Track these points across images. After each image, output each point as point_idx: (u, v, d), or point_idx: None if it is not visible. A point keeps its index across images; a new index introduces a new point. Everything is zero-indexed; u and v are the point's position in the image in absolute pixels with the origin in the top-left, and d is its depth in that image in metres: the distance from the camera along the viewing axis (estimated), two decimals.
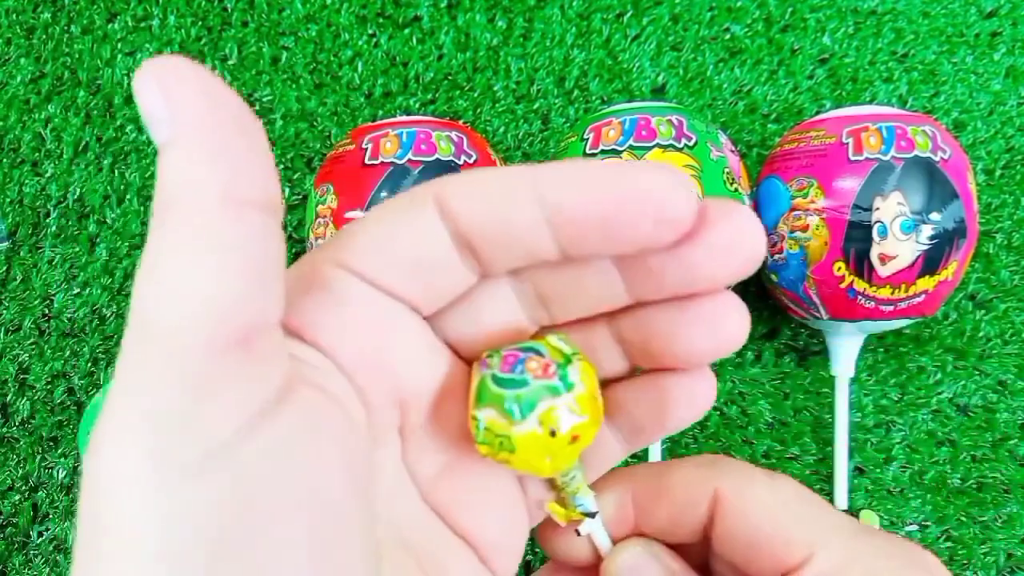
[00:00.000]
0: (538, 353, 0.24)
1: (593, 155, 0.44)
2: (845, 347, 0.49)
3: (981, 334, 0.53)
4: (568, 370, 0.23)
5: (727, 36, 0.57)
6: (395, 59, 0.58)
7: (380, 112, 0.57)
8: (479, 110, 0.57)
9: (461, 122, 0.55)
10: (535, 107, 0.57)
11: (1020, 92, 0.56)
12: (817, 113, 0.50)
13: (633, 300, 0.24)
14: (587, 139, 0.45)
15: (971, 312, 0.53)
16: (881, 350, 0.53)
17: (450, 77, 0.58)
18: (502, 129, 0.57)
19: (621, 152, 0.44)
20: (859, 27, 0.57)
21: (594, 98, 0.57)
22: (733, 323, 0.23)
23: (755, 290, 0.53)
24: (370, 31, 0.58)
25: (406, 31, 0.58)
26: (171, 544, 0.16)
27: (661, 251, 0.21)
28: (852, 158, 0.44)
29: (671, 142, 0.44)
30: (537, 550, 0.52)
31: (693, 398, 0.25)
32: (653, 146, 0.43)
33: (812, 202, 0.44)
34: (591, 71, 0.57)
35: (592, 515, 0.27)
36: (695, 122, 0.45)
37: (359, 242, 0.23)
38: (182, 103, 0.17)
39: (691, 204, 0.20)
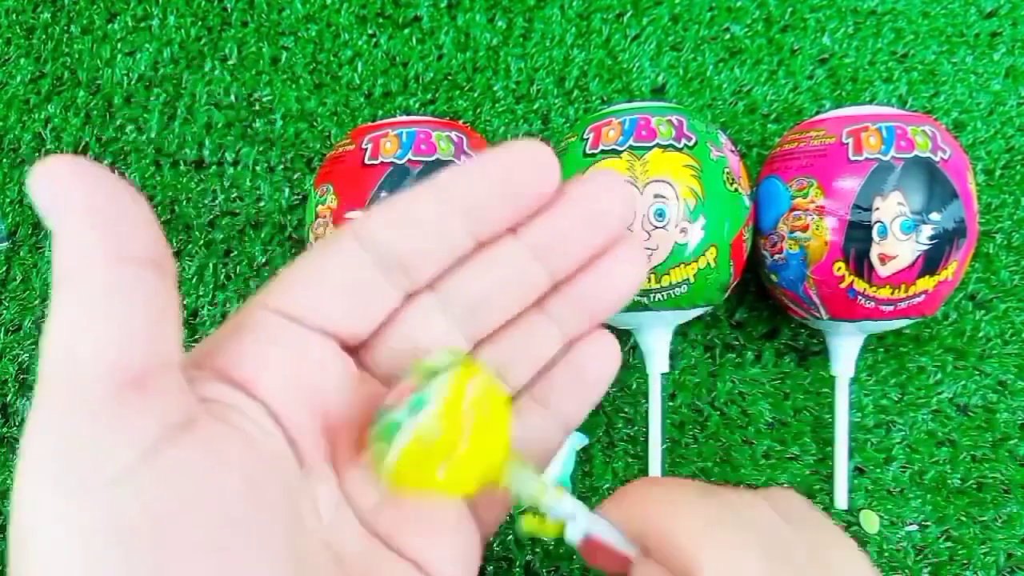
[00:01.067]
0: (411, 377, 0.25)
1: (593, 155, 0.44)
2: (845, 347, 0.48)
3: (981, 334, 0.53)
4: (426, 392, 0.24)
5: (727, 36, 0.57)
6: (395, 59, 0.58)
7: (380, 112, 0.57)
8: (479, 110, 0.57)
9: (461, 122, 0.55)
10: (535, 107, 0.57)
11: (1020, 92, 0.56)
12: (817, 113, 0.50)
13: (551, 283, 0.29)
14: (587, 139, 0.45)
15: (971, 312, 0.53)
16: (881, 350, 0.53)
17: (450, 77, 0.57)
18: (502, 129, 0.57)
19: (621, 152, 0.44)
20: (859, 27, 0.57)
21: (594, 98, 0.57)
22: (634, 266, 0.29)
23: (755, 290, 0.53)
24: (370, 31, 0.58)
25: (406, 31, 0.58)
26: (86, 552, 0.18)
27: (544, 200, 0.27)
28: (852, 158, 0.44)
29: (671, 142, 0.44)
30: (537, 550, 0.52)
31: (602, 348, 0.30)
32: (653, 146, 0.43)
33: (812, 202, 0.44)
34: (591, 71, 0.57)
35: (571, 517, 0.27)
36: (695, 122, 0.45)
37: (284, 283, 0.26)
38: (65, 194, 0.19)
39: (548, 156, 0.26)
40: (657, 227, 0.43)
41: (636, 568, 0.26)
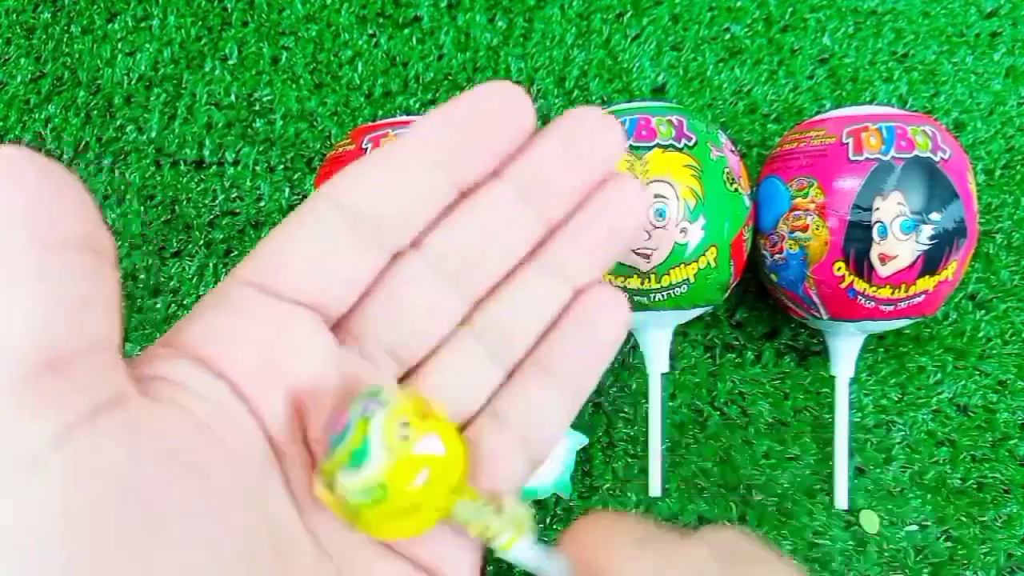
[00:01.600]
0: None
1: None
2: (845, 347, 0.48)
3: (981, 334, 0.53)
4: (351, 419, 0.23)
5: (727, 36, 0.57)
6: (395, 59, 0.58)
7: (380, 112, 0.57)
8: None
9: None
10: (535, 107, 0.57)
11: (1020, 92, 0.56)
12: (817, 113, 0.50)
13: (545, 231, 0.27)
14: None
15: (971, 312, 0.53)
16: (881, 350, 0.53)
17: (450, 77, 0.57)
18: None
19: None
20: (859, 27, 0.57)
21: (594, 98, 0.57)
22: (632, 197, 0.27)
23: (755, 290, 0.53)
24: (370, 31, 0.58)
25: (406, 31, 0.58)
26: (19, 533, 0.18)
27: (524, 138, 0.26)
28: (852, 158, 0.44)
29: (671, 142, 0.44)
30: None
31: (609, 301, 0.28)
32: (653, 146, 0.43)
33: (812, 202, 0.44)
34: (591, 71, 0.57)
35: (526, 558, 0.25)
36: (695, 122, 0.45)
37: (257, 255, 0.25)
38: None
39: (520, 94, 0.25)
40: (657, 227, 0.43)
41: None
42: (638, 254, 0.43)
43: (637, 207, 0.28)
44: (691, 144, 0.44)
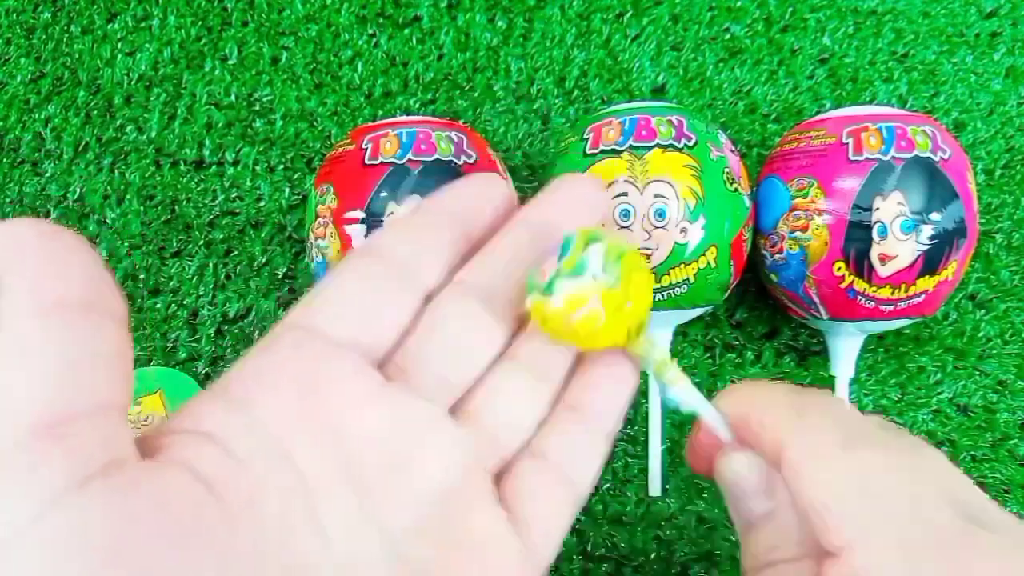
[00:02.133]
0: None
1: (593, 155, 0.44)
2: (845, 347, 0.48)
3: (981, 334, 0.53)
4: (568, 243, 0.27)
5: (727, 36, 0.57)
6: (395, 59, 0.58)
7: (380, 112, 0.57)
8: (479, 110, 0.57)
9: (461, 122, 0.55)
10: (535, 107, 0.57)
11: (1020, 92, 0.56)
12: (817, 113, 0.50)
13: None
14: (587, 139, 0.45)
15: (971, 312, 0.53)
16: (881, 350, 0.53)
17: (450, 77, 0.57)
18: (502, 129, 0.56)
19: (621, 152, 0.44)
20: (859, 27, 0.57)
21: (594, 98, 0.57)
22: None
23: (755, 290, 0.53)
24: (370, 31, 0.58)
25: (406, 31, 0.58)
26: None
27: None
28: (852, 158, 0.44)
29: (671, 142, 0.44)
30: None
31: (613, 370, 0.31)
32: (653, 146, 0.43)
33: (812, 202, 0.44)
34: (591, 71, 0.57)
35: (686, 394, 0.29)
36: (695, 122, 0.45)
37: (305, 302, 0.27)
38: None
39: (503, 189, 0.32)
40: (657, 227, 0.43)
41: (730, 455, 0.29)
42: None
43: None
44: (691, 144, 0.44)
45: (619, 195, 0.43)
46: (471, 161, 0.45)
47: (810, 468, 0.26)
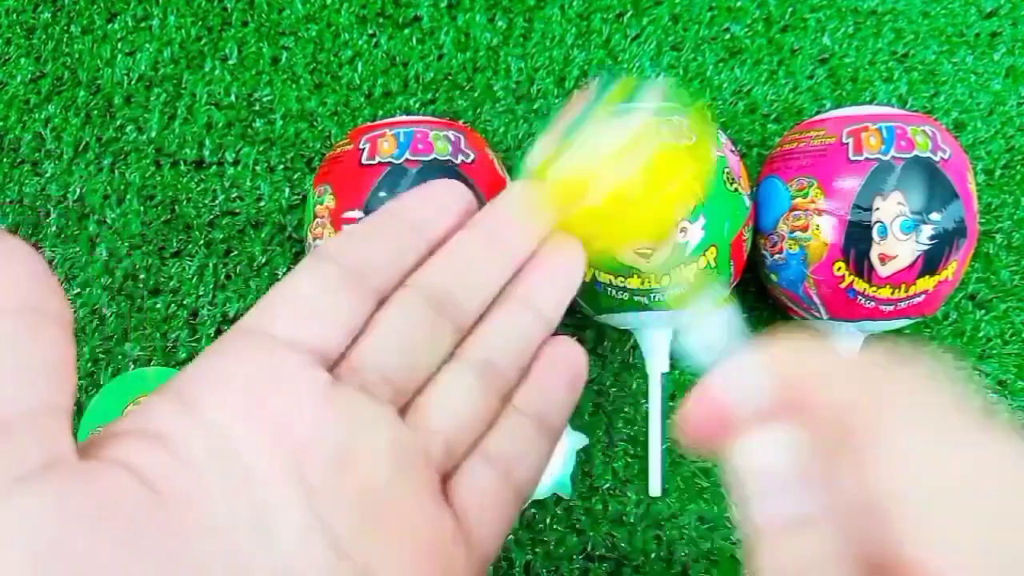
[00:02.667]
0: None
1: None
2: (845, 347, 0.48)
3: (981, 334, 0.53)
4: (602, 91, 0.25)
5: (727, 36, 0.57)
6: (395, 59, 0.58)
7: (380, 112, 0.57)
8: (479, 110, 0.57)
9: (461, 122, 0.55)
10: (535, 107, 0.57)
11: (1020, 92, 0.56)
12: (817, 113, 0.50)
13: (513, 268, 0.31)
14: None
15: (971, 312, 0.53)
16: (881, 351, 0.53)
17: (450, 77, 0.57)
18: (502, 129, 0.56)
19: None
20: (859, 27, 0.57)
21: None
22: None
23: (755, 290, 0.53)
24: (370, 31, 0.58)
25: (406, 31, 0.58)
26: None
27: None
28: (852, 158, 0.44)
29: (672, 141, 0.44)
30: (537, 550, 0.52)
31: (569, 350, 0.32)
32: None
33: (812, 202, 0.44)
34: (591, 71, 0.57)
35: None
36: (698, 121, 0.45)
37: (257, 306, 0.27)
38: None
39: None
40: None
41: (756, 433, 0.22)
42: (638, 254, 0.43)
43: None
44: (691, 144, 0.44)
45: None
46: (469, 160, 0.45)
47: (896, 456, 0.20)
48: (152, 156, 0.57)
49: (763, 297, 0.52)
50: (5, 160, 0.58)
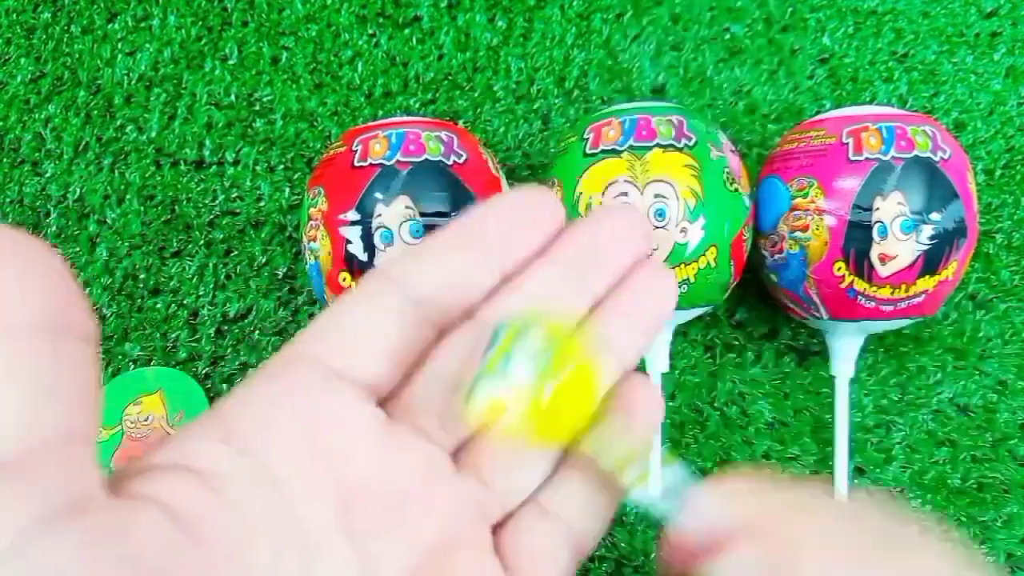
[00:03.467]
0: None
1: (593, 155, 0.44)
2: (845, 347, 0.48)
3: (981, 334, 0.53)
4: (495, 338, 0.24)
5: (727, 36, 0.57)
6: (395, 59, 0.58)
7: (380, 112, 0.57)
8: (479, 110, 0.57)
9: (461, 122, 0.55)
10: (535, 107, 0.57)
11: (1020, 92, 0.56)
12: (817, 113, 0.50)
13: (589, 306, 0.28)
14: (587, 139, 0.45)
15: (971, 312, 0.53)
16: (881, 350, 0.53)
17: (450, 77, 0.57)
18: (502, 129, 0.56)
19: (621, 152, 0.44)
20: (859, 27, 0.57)
21: (594, 98, 0.57)
22: (664, 278, 0.29)
23: (755, 290, 0.53)
24: (370, 31, 0.58)
25: (406, 31, 0.58)
26: None
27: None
28: (852, 158, 0.44)
29: (671, 142, 0.44)
30: None
31: (645, 387, 0.28)
32: (653, 146, 0.43)
33: (812, 202, 0.44)
34: (591, 71, 0.57)
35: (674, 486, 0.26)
36: (695, 122, 0.45)
37: (314, 330, 0.25)
38: None
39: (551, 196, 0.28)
40: (657, 227, 0.43)
41: (735, 552, 0.25)
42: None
43: (670, 290, 0.29)
44: (691, 144, 0.44)
45: (619, 195, 0.43)
46: (461, 160, 0.45)
47: None
48: (152, 156, 0.57)
49: (763, 297, 0.52)
50: (5, 160, 0.58)
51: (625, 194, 0.43)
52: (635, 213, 0.30)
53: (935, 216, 0.43)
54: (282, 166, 0.56)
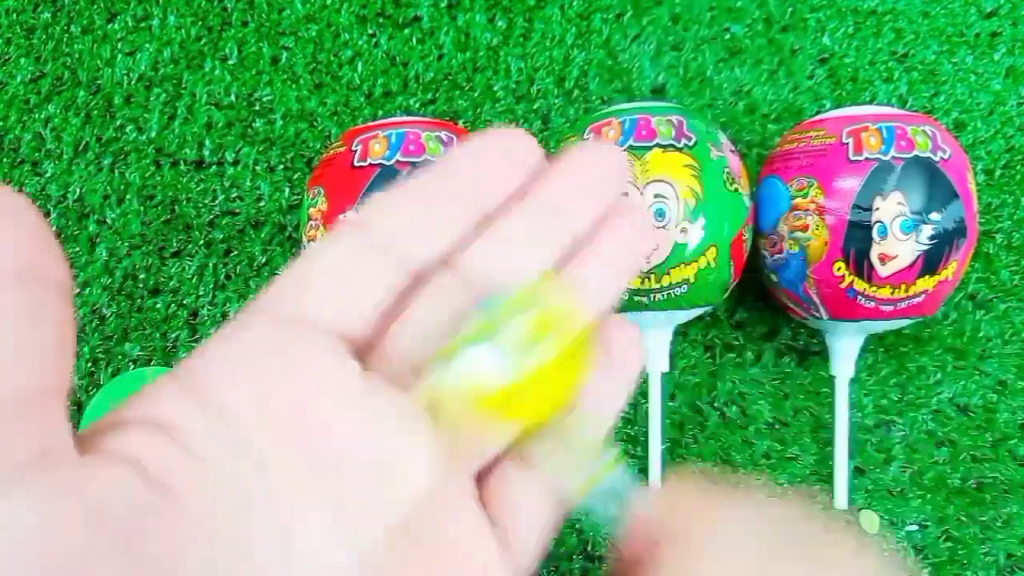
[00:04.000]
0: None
1: None
2: (845, 347, 0.48)
3: (981, 334, 0.53)
4: (489, 305, 0.23)
5: (727, 36, 0.57)
6: (395, 59, 0.58)
7: (380, 112, 0.57)
8: (479, 110, 0.57)
9: (461, 122, 0.55)
10: (535, 107, 0.57)
11: (1020, 92, 0.56)
12: (817, 113, 0.50)
13: (566, 249, 0.27)
14: (587, 139, 0.45)
15: (971, 312, 0.53)
16: (881, 350, 0.53)
17: (450, 77, 0.57)
18: None
19: None
20: (859, 27, 0.57)
21: (594, 98, 0.57)
22: (640, 219, 0.29)
23: (755, 290, 0.53)
24: (370, 31, 0.58)
25: (406, 31, 0.58)
26: None
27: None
28: (852, 158, 0.43)
29: (671, 142, 0.43)
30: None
31: (629, 336, 0.27)
32: (653, 146, 0.43)
33: (812, 202, 0.44)
34: (591, 71, 0.57)
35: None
36: (695, 122, 0.45)
37: (277, 281, 0.23)
38: None
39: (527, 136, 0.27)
40: (657, 227, 0.43)
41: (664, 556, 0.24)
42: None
43: (646, 230, 0.28)
44: (691, 144, 0.44)
45: None
46: None
47: None
48: (152, 156, 0.57)
49: (763, 297, 0.52)
50: (5, 160, 0.57)
51: (624, 194, 0.43)
52: (614, 151, 0.29)
53: (935, 216, 0.43)
54: (282, 166, 0.56)
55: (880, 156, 0.43)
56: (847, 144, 0.44)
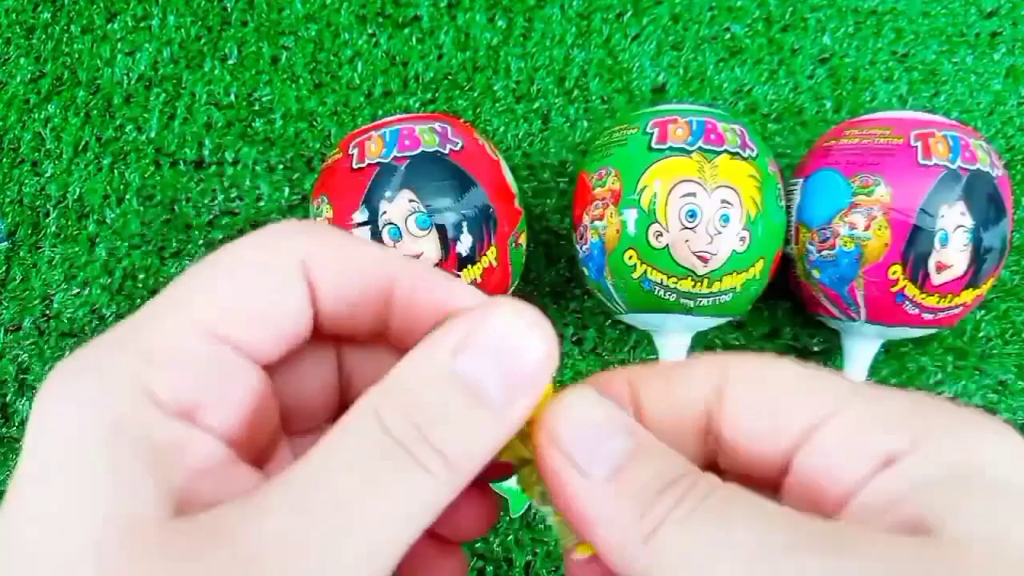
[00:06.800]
0: None
1: (660, 150, 0.28)
2: (862, 351, 0.34)
3: (981, 334, 0.38)
4: None
5: (727, 36, 0.41)
6: (395, 59, 0.41)
7: (380, 112, 0.41)
8: (479, 110, 0.40)
9: (461, 121, 0.38)
10: (535, 107, 0.40)
11: (1020, 92, 0.40)
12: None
13: None
14: (651, 133, 0.29)
15: (971, 312, 0.38)
16: (881, 350, 0.37)
17: (450, 77, 0.41)
18: (502, 129, 0.40)
19: (691, 152, 0.28)
20: (859, 27, 0.40)
21: (594, 98, 0.40)
22: None
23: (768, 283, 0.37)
24: (370, 31, 0.41)
25: (406, 31, 0.41)
26: None
27: None
28: (922, 162, 0.28)
29: (737, 150, 0.29)
30: (538, 550, 0.37)
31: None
32: (722, 151, 0.28)
33: (877, 201, 0.28)
34: (591, 71, 0.41)
35: None
36: (754, 135, 0.30)
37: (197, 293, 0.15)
38: None
39: None
40: (720, 232, 0.27)
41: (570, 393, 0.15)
42: (698, 256, 0.27)
43: None
44: (754, 155, 0.29)
45: (687, 195, 0.27)
46: (458, 148, 0.31)
47: (753, 376, 0.15)
48: (152, 156, 0.40)
49: (763, 297, 0.36)
50: (5, 160, 0.41)
51: (693, 195, 0.27)
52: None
53: (990, 231, 0.28)
54: (282, 166, 0.40)
55: (948, 164, 0.28)
56: (916, 147, 0.28)
